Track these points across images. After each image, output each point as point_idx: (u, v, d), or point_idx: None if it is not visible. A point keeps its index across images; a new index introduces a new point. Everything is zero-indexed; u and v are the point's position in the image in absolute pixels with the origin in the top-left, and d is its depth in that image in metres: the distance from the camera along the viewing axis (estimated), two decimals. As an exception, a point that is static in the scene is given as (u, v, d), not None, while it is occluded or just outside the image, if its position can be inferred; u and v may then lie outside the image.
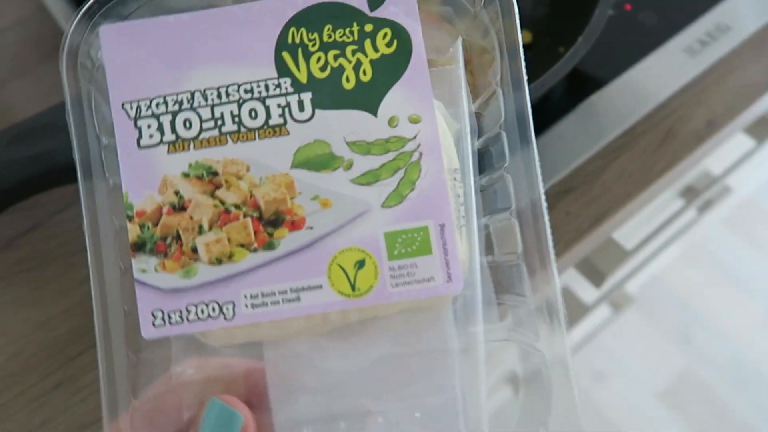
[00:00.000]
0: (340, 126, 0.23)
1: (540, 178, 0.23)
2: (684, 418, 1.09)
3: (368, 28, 0.23)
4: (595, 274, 0.65)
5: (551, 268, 0.23)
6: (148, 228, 0.23)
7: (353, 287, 0.23)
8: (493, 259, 0.25)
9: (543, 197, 0.23)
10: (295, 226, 0.23)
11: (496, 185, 0.25)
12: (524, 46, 0.24)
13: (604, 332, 1.02)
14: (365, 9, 0.23)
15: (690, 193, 0.73)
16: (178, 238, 0.23)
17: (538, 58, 0.41)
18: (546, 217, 0.23)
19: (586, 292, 0.77)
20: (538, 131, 0.26)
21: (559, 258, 0.41)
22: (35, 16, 0.47)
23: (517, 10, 0.23)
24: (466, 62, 0.25)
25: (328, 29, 0.23)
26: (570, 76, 0.39)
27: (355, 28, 0.23)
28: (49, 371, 0.35)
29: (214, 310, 0.23)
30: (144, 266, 0.23)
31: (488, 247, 0.25)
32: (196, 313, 0.23)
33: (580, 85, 0.45)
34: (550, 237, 0.23)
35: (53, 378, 0.35)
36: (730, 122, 0.45)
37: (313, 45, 0.23)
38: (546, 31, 0.47)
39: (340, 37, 0.23)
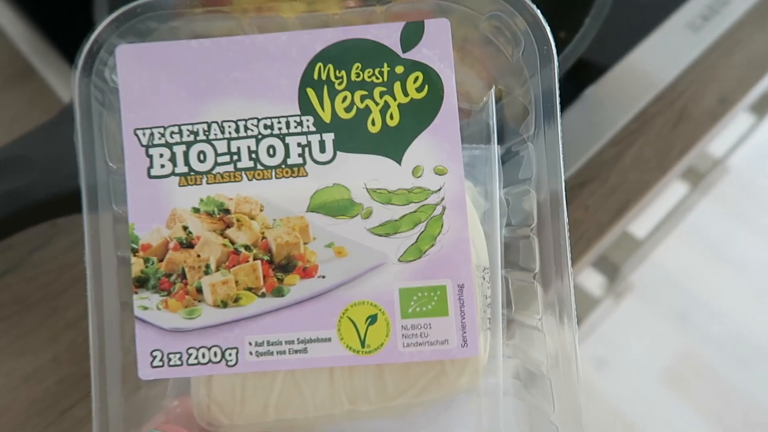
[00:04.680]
0: (361, 171, 0.22)
1: (568, 242, 0.22)
2: (688, 397, 1.09)
3: (399, 69, 0.22)
4: (608, 266, 0.62)
5: (567, 270, 0.22)
6: (153, 263, 0.22)
7: (363, 343, 0.22)
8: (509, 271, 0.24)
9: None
10: (307, 273, 0.22)
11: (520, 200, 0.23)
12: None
13: (604, 319, 1.02)
14: (397, 49, 0.22)
15: (693, 176, 0.70)
16: (183, 276, 0.22)
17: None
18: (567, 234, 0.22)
19: (595, 284, 0.74)
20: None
21: (583, 256, 0.39)
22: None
23: (557, 64, 0.22)
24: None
25: (357, 68, 0.22)
26: (570, 62, 0.37)
27: (386, 68, 0.22)
28: (40, 428, 0.32)
29: (216, 355, 0.22)
30: (146, 303, 0.22)
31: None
32: (197, 357, 0.22)
33: (582, 72, 0.42)
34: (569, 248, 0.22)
35: (46, 435, 0.32)
36: (744, 96, 0.44)
37: (340, 83, 0.22)
38: (544, 15, 0.44)
39: (369, 77, 0.22)
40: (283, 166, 0.22)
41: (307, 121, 0.22)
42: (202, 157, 0.22)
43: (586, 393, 1.08)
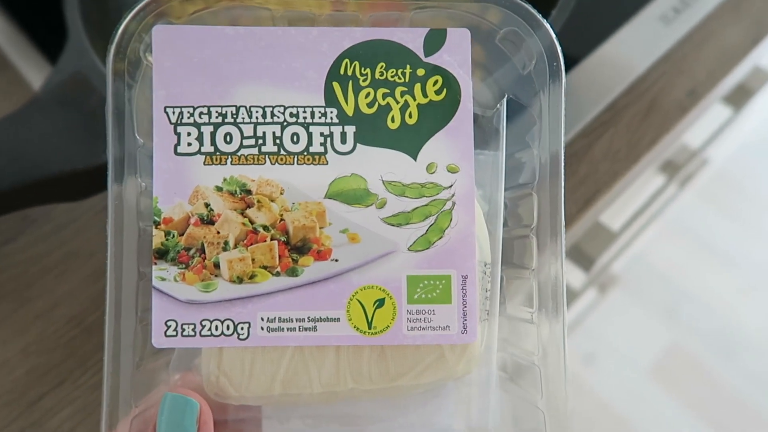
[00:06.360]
0: (378, 164, 0.23)
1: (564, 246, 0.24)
2: (676, 392, 1.09)
3: (420, 72, 0.24)
4: (583, 258, 0.62)
5: (560, 246, 0.24)
6: (173, 236, 0.23)
7: (370, 325, 0.23)
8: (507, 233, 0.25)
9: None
10: (321, 256, 0.23)
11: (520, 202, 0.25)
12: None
13: (591, 314, 1.02)
14: (420, 53, 0.24)
15: (670, 168, 0.70)
16: (202, 250, 0.23)
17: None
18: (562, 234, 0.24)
19: (574, 277, 0.75)
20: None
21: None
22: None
23: (564, 81, 0.24)
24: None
25: (381, 67, 0.23)
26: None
27: (408, 70, 0.24)
28: (9, 419, 0.31)
29: (228, 328, 0.23)
30: (164, 275, 0.23)
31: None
32: (210, 329, 0.23)
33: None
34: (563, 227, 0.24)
35: (14, 427, 0.31)
36: (713, 89, 0.44)
37: (364, 80, 0.23)
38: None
39: (392, 76, 0.24)
40: (306, 154, 0.23)
41: (331, 112, 0.23)
42: (228, 139, 0.23)
43: (574, 388, 1.08)
